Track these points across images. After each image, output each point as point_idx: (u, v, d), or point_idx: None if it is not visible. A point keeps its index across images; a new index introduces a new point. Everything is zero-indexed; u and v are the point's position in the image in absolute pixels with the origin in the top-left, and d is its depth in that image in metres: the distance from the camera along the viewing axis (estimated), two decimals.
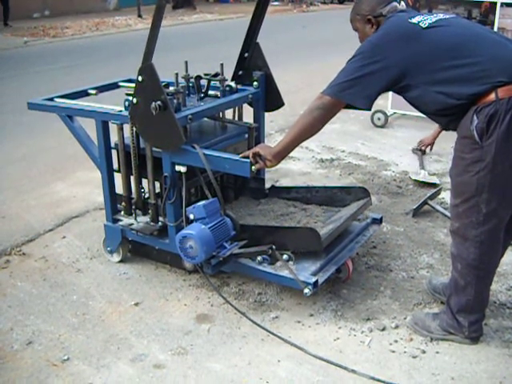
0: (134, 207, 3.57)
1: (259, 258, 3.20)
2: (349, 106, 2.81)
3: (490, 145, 2.50)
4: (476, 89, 2.51)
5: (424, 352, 2.87)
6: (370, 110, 2.74)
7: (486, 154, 2.52)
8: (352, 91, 2.67)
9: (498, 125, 2.47)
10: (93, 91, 3.93)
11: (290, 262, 3.15)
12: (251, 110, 3.88)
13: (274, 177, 5.11)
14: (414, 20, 2.65)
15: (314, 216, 3.58)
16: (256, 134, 3.73)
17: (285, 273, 3.11)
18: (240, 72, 3.87)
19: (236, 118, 3.90)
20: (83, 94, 3.94)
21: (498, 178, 2.56)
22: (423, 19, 2.65)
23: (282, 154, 3.01)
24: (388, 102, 6.65)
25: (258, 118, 3.85)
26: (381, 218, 3.76)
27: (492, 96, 2.48)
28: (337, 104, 2.75)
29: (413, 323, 3.03)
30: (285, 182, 5.03)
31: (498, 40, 2.64)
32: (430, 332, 2.97)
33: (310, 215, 3.60)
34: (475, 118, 2.51)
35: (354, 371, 2.74)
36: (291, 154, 5.73)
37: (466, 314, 2.86)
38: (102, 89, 4.01)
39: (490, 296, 3.24)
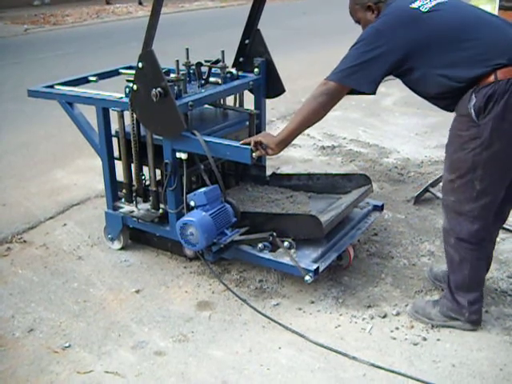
0: (134, 194, 3.57)
1: (260, 245, 3.20)
2: (353, 92, 2.82)
3: (487, 123, 2.54)
4: (477, 71, 2.53)
5: (425, 339, 2.87)
6: (374, 94, 2.75)
7: (482, 132, 2.56)
8: (357, 76, 2.68)
9: (495, 104, 2.51)
10: (93, 78, 3.92)
11: (292, 249, 3.15)
12: (252, 96, 3.87)
13: (275, 164, 5.10)
14: (415, 5, 2.65)
15: (298, 203, 3.59)
16: (257, 120, 3.72)
17: (286, 260, 3.10)
18: (241, 59, 3.85)
19: (237, 105, 3.88)
20: (84, 80, 3.92)
21: (493, 156, 2.60)
22: (423, 3, 2.65)
23: (286, 141, 3.00)
24: None
25: (259, 105, 3.84)
26: (382, 206, 3.75)
27: (491, 77, 2.50)
28: (341, 89, 2.76)
29: (413, 311, 3.04)
30: (286, 169, 5.02)
31: (497, 23, 2.66)
32: (430, 319, 2.97)
33: (293, 202, 3.61)
34: (473, 97, 2.54)
35: (354, 358, 2.74)
36: (293, 141, 5.76)
37: (464, 291, 2.88)
38: (102, 76, 3.99)
39: (491, 283, 3.26)
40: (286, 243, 3.15)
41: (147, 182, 3.59)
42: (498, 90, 2.49)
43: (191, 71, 3.63)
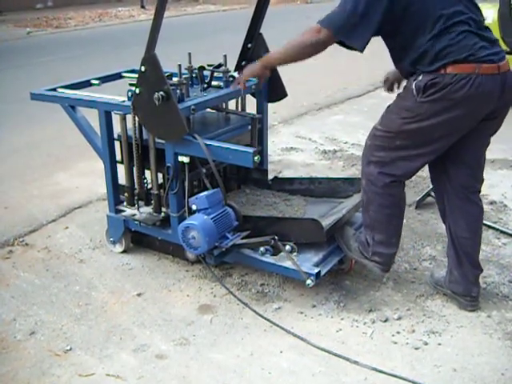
0: (136, 198, 3.57)
1: (262, 248, 3.20)
2: (339, 43, 2.87)
3: (422, 104, 2.74)
4: (437, 64, 2.68)
5: (426, 343, 2.87)
6: (362, 52, 2.81)
7: (416, 108, 2.77)
8: (351, 30, 2.75)
9: (436, 92, 2.69)
10: (96, 81, 3.92)
11: (293, 253, 3.15)
12: (254, 100, 3.87)
13: (276, 168, 5.11)
14: None
15: (294, 206, 3.62)
16: (259, 125, 3.73)
17: (287, 264, 3.10)
18: (243, 63, 3.85)
19: (239, 109, 3.89)
20: (86, 84, 3.93)
21: (420, 130, 2.79)
22: None
23: (270, 59, 3.20)
24: None
25: (261, 109, 3.84)
26: None
27: (441, 70, 2.68)
28: (332, 40, 2.83)
29: (339, 237, 3.28)
30: (288, 174, 5.02)
31: (473, 19, 2.77)
32: (350, 251, 3.23)
33: (290, 205, 3.63)
34: (420, 77, 2.73)
35: (356, 362, 2.74)
36: (294, 146, 5.77)
37: (370, 230, 3.10)
38: (105, 79, 4.00)
39: (493, 288, 3.26)
40: (287, 247, 3.15)
41: (149, 186, 3.59)
42: (443, 80, 2.67)
43: (194, 75, 3.64)
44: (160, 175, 3.51)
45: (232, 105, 3.90)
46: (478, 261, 3.13)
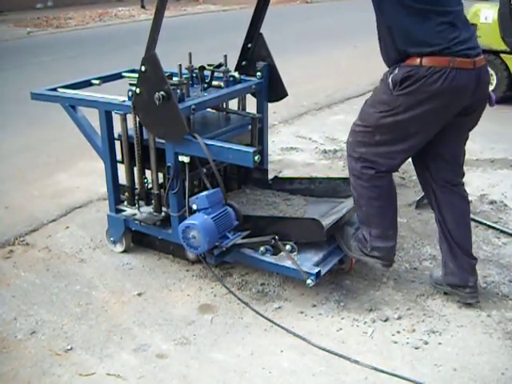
0: (137, 198, 3.58)
1: (262, 248, 3.20)
2: None
3: (398, 97, 2.78)
4: (413, 51, 2.72)
5: (426, 343, 2.87)
6: None
7: (392, 102, 2.81)
8: None
9: (411, 85, 2.73)
10: (96, 81, 3.92)
11: (293, 253, 3.15)
12: (254, 100, 3.87)
13: (277, 168, 5.11)
14: None
15: (294, 206, 3.63)
16: (259, 124, 3.73)
17: (288, 263, 3.11)
18: (243, 63, 3.86)
19: (240, 109, 3.89)
20: (86, 84, 3.93)
21: (396, 124, 2.84)
22: None
23: None
24: None
25: (262, 109, 3.85)
26: None
27: (417, 60, 2.71)
28: None
29: (339, 237, 3.29)
30: (288, 173, 5.01)
31: (457, 11, 2.80)
32: (350, 250, 3.22)
33: (290, 205, 3.64)
34: (396, 70, 2.78)
35: (356, 362, 2.74)
36: (294, 145, 5.77)
37: (366, 226, 3.11)
38: (105, 79, 4.00)
39: (493, 288, 3.26)
40: (287, 246, 3.15)
41: (150, 185, 3.59)
42: (418, 73, 2.70)
43: (194, 75, 3.65)
44: (160, 175, 3.51)
45: (232, 105, 3.90)
46: (470, 251, 3.15)
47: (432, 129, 2.89)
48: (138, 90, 3.15)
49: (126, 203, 3.66)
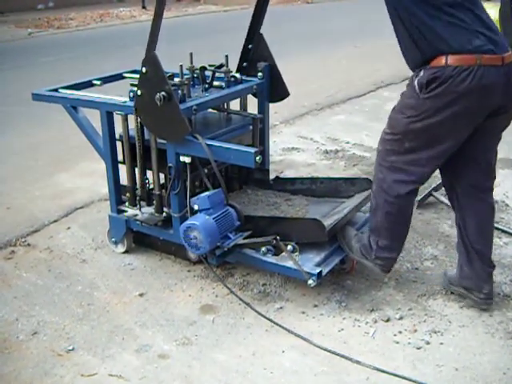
0: (138, 198, 3.58)
1: (264, 248, 3.20)
2: None
3: (425, 100, 2.72)
4: (432, 53, 2.67)
5: (428, 343, 2.87)
6: None
7: (419, 106, 2.74)
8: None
9: (438, 86, 2.66)
10: (97, 82, 3.93)
11: (295, 253, 3.15)
12: (256, 100, 3.87)
13: (278, 168, 5.11)
14: None
15: (296, 206, 3.63)
16: (260, 125, 3.73)
17: (289, 263, 3.11)
18: (244, 63, 3.86)
19: (241, 109, 3.89)
20: (88, 84, 3.93)
21: (425, 128, 2.77)
22: None
23: None
24: None
25: (263, 109, 3.84)
26: None
27: (443, 61, 2.64)
28: None
29: (341, 236, 3.28)
30: (289, 173, 5.02)
31: (478, 8, 2.74)
32: (351, 251, 3.23)
33: (292, 205, 3.64)
34: (421, 72, 2.71)
35: (358, 362, 2.74)
36: (295, 146, 5.78)
37: (376, 235, 3.09)
38: (106, 80, 4.00)
39: (495, 287, 3.25)
40: (289, 247, 3.15)
41: (151, 186, 3.60)
42: (444, 73, 2.63)
43: (195, 75, 3.65)
44: (162, 175, 3.51)
45: (233, 105, 3.90)
46: (489, 258, 3.11)
47: (462, 132, 2.80)
48: (139, 92, 3.15)
49: (127, 204, 3.66)
